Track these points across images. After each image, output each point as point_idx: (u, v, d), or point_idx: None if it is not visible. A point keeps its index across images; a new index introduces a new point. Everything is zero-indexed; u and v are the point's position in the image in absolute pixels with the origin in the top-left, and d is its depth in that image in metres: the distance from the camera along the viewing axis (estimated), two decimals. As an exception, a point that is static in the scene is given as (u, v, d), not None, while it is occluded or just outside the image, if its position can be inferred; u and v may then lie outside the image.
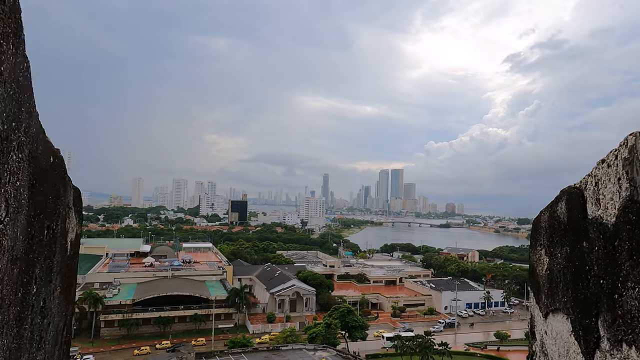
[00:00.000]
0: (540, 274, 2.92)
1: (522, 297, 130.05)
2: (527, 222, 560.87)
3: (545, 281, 2.79)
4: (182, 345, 77.23)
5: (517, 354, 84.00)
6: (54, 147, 2.75)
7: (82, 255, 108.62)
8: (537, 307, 3.04)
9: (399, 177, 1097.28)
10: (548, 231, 2.73)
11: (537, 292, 3.01)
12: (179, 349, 71.74)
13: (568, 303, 2.35)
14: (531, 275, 3.16)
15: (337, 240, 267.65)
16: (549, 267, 2.71)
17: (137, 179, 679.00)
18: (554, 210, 2.62)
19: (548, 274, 2.71)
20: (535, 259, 3.01)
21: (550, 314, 2.71)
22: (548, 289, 2.72)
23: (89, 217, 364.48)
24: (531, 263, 3.16)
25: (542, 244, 2.85)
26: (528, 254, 3.29)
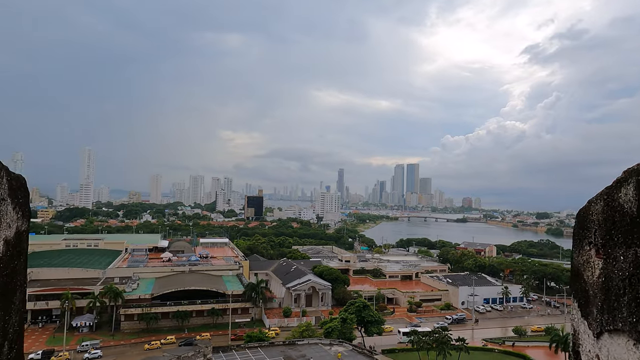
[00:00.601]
0: (589, 280, 2.37)
1: (542, 292, 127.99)
2: (546, 217, 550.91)
3: (598, 291, 2.25)
4: (193, 340, 78.68)
5: (534, 350, 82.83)
6: None
7: (102, 250, 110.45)
8: (584, 322, 2.45)
9: (414, 172, 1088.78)
10: (603, 226, 2.20)
11: (584, 303, 2.42)
12: (195, 342, 73.01)
13: (638, 324, 1.82)
14: (575, 281, 2.61)
15: (352, 235, 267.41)
16: (604, 272, 2.20)
17: (155, 176, 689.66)
18: (614, 199, 2.10)
19: (603, 281, 2.19)
20: (582, 262, 2.45)
21: (605, 335, 2.18)
22: (603, 302, 2.18)
23: (109, 213, 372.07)
24: (575, 266, 2.60)
25: (593, 243, 2.32)
26: (571, 254, 2.74)
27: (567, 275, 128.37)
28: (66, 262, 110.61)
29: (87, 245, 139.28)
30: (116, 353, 76.48)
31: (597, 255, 2.27)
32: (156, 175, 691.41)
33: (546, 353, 78.51)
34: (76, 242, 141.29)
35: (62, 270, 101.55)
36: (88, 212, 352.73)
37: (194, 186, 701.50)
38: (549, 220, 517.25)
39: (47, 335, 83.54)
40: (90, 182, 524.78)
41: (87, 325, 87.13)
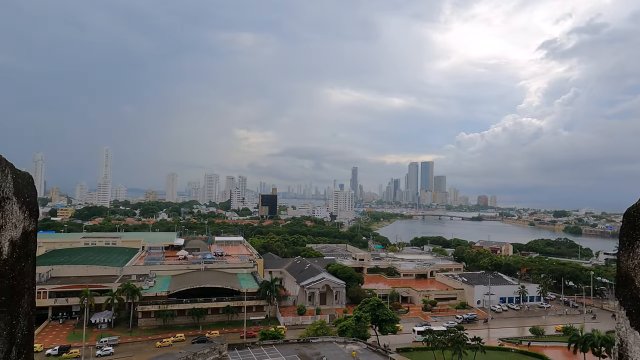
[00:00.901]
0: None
1: (559, 292, 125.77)
2: (564, 215, 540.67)
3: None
4: (206, 337, 79.65)
5: (552, 350, 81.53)
6: None
7: (119, 248, 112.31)
8: (634, 333, 2.24)
9: (429, 170, 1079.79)
10: None
11: (635, 312, 2.22)
12: (208, 340, 73.97)
13: None
14: (623, 287, 2.39)
15: (366, 234, 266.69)
16: None
17: (171, 175, 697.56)
18: None
19: None
20: (633, 266, 2.26)
21: None
22: None
23: (126, 212, 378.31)
24: (623, 270, 2.40)
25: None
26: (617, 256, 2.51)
27: (585, 275, 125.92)
28: (85, 259, 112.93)
29: (105, 243, 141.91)
30: (133, 349, 77.78)
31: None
32: (172, 174, 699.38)
33: (564, 353, 77.22)
34: (95, 240, 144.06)
35: (82, 268, 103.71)
36: (106, 211, 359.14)
37: (209, 185, 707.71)
38: (567, 218, 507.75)
39: (67, 332, 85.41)
40: (108, 182, 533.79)
41: (106, 322, 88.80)
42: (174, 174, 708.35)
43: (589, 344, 65.75)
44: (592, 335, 66.84)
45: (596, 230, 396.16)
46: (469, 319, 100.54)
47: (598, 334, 67.39)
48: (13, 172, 2.60)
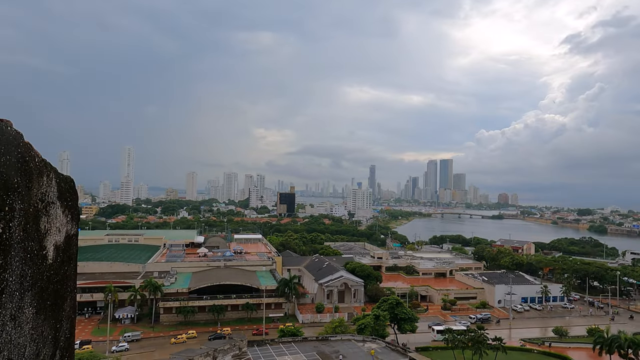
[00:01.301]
0: None
1: (584, 292, 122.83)
2: (589, 213, 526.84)
3: None
4: (222, 334, 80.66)
5: (576, 351, 79.74)
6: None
7: (142, 245, 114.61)
8: None
9: (448, 168, 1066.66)
10: None
11: None
12: (225, 336, 75.19)
13: None
14: None
15: (384, 232, 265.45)
16: None
17: (191, 173, 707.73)
18: None
19: None
20: None
21: None
22: None
23: (148, 210, 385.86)
24: None
25: None
26: None
27: (611, 275, 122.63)
28: (109, 256, 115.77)
29: (128, 240, 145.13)
30: (155, 344, 79.43)
31: None
32: (192, 173, 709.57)
33: (589, 355, 75.44)
34: (118, 238, 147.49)
35: (106, 264, 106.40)
36: (128, 209, 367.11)
37: (228, 183, 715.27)
38: (591, 217, 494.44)
39: (92, 326, 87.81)
40: (130, 180, 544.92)
41: (129, 317, 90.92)
42: (194, 172, 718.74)
43: (615, 345, 64.07)
44: (618, 337, 65.09)
45: (622, 229, 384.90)
46: (483, 319, 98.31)
47: (625, 336, 65.62)
48: (57, 177, 2.60)
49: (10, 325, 2.10)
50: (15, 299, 2.13)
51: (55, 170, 2.62)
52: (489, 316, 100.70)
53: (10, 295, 2.10)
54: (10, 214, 2.09)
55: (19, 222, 2.17)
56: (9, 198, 2.09)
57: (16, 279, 2.14)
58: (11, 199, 2.10)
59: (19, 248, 2.17)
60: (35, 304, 2.33)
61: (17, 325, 2.17)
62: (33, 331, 2.32)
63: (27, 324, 2.27)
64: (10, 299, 2.10)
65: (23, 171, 2.20)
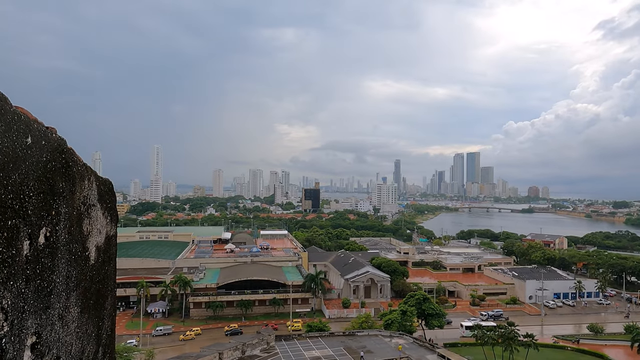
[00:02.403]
0: None
1: (620, 287, 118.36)
2: (625, 206, 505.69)
3: None
4: (239, 330, 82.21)
5: (613, 349, 76.98)
6: (40, 126, 2.14)
7: (171, 242, 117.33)
8: None
9: (475, 161, 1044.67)
10: None
11: None
12: (240, 332, 77.79)
13: None
14: None
15: (410, 227, 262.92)
16: None
17: (217, 171, 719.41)
18: None
19: None
20: None
21: None
22: None
23: (177, 207, 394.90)
24: None
25: None
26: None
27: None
28: (140, 252, 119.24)
29: (158, 237, 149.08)
30: (185, 338, 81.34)
31: None
32: (218, 170, 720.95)
33: (627, 353, 72.71)
34: (148, 234, 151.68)
35: (137, 260, 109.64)
36: (158, 206, 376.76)
37: (253, 180, 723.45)
38: (628, 209, 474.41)
39: (126, 320, 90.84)
40: (159, 178, 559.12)
41: (161, 312, 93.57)
42: (220, 169, 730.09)
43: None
44: (658, 335, 62.52)
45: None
46: (495, 315, 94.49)
47: (665, 333, 62.93)
48: (97, 180, 2.71)
49: (59, 325, 2.20)
50: (62, 299, 2.24)
51: (95, 173, 2.71)
52: (501, 313, 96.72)
53: (58, 295, 2.20)
54: (56, 217, 2.18)
55: (64, 225, 2.26)
56: (55, 202, 2.17)
57: (62, 280, 2.25)
58: (57, 203, 2.19)
59: (64, 250, 2.27)
60: (80, 304, 2.45)
61: (65, 325, 2.27)
62: (78, 329, 2.44)
63: (73, 323, 2.37)
64: (58, 300, 2.20)
65: (67, 176, 2.29)
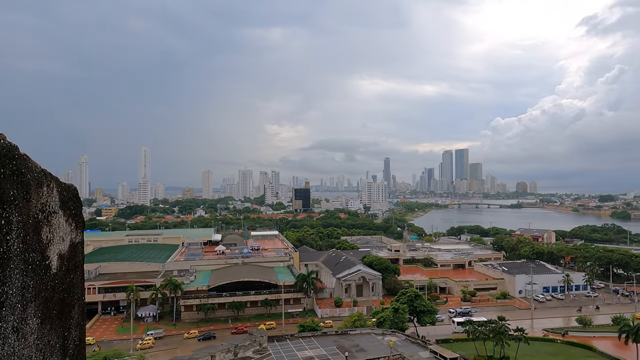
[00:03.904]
0: None
1: (607, 280, 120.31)
2: (611, 199, 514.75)
3: None
4: (212, 334, 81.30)
5: (601, 340, 78.18)
6: None
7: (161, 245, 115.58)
8: None
9: (463, 157, 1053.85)
10: None
11: None
12: (214, 336, 78.07)
13: None
14: None
15: (401, 225, 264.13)
16: None
17: (206, 172, 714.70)
18: None
19: None
20: None
21: None
22: None
23: (166, 210, 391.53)
24: None
25: None
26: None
27: (636, 262, 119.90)
28: (129, 256, 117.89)
29: (147, 240, 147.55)
30: (177, 342, 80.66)
31: None
32: (207, 172, 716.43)
33: (615, 344, 73.88)
34: (137, 238, 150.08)
35: (126, 264, 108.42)
36: (147, 209, 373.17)
37: (243, 181, 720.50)
38: (613, 203, 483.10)
39: (116, 325, 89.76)
40: (147, 181, 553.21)
41: (151, 315, 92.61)
42: (209, 171, 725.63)
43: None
44: (644, 325, 63.59)
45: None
46: (463, 312, 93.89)
47: (651, 324, 64.04)
48: (58, 186, 2.62)
49: (13, 337, 2.11)
50: (17, 311, 2.14)
51: (57, 179, 2.63)
52: (469, 310, 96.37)
53: (12, 307, 2.11)
54: (7, 227, 2.10)
55: (17, 234, 2.18)
56: (5, 211, 2.10)
57: (17, 291, 2.15)
58: (7, 211, 2.11)
59: (18, 260, 2.18)
60: (40, 314, 2.35)
61: (21, 337, 2.18)
62: (39, 341, 2.34)
63: (32, 335, 2.28)
64: (12, 312, 2.10)
65: (19, 183, 2.22)
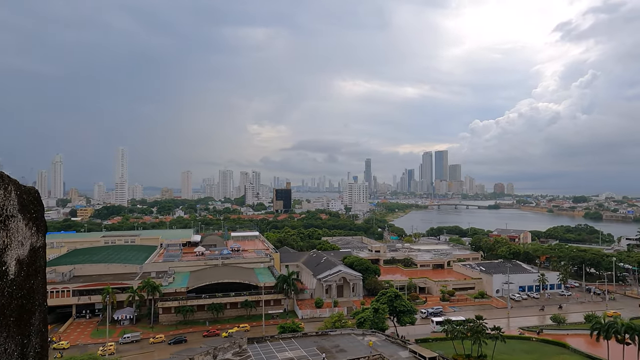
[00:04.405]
0: None
1: (581, 279, 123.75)
2: (584, 200, 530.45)
3: None
4: (182, 337, 79.94)
5: (574, 338, 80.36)
6: None
7: (138, 246, 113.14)
8: None
9: (443, 159, 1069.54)
10: None
11: None
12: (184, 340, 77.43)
13: None
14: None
15: (381, 225, 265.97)
16: None
17: (186, 172, 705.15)
18: None
19: None
20: None
21: None
22: None
23: (144, 210, 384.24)
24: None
25: None
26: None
27: (607, 261, 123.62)
28: (106, 258, 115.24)
29: (124, 241, 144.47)
30: (155, 345, 79.13)
31: None
32: (187, 172, 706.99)
33: (587, 341, 76.02)
34: (114, 239, 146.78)
35: (103, 266, 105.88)
36: (124, 210, 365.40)
37: (224, 181, 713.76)
38: (586, 204, 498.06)
39: (91, 328, 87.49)
40: (124, 181, 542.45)
41: (128, 318, 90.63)
42: (189, 171, 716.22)
43: (612, 331, 64.57)
44: (615, 322, 65.61)
45: (617, 215, 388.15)
46: (435, 312, 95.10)
47: (622, 321, 66.13)
48: (17, 189, 2.56)
49: None
50: None
51: (16, 182, 2.59)
52: (440, 309, 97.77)
53: None
54: None
55: None
56: None
57: None
58: None
59: None
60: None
61: None
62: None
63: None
64: None
65: None
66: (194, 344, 73.14)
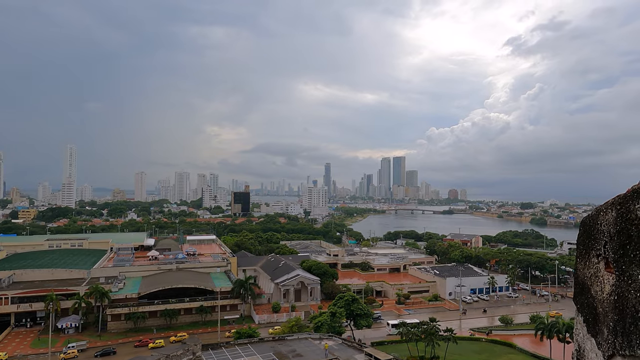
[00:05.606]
0: (598, 296, 2.07)
1: (527, 281, 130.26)
2: (530, 207, 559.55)
3: (609, 309, 1.94)
4: (110, 349, 75.00)
5: (520, 338, 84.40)
6: None
7: (86, 250, 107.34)
8: (590, 340, 2.19)
9: (401, 165, 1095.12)
10: (615, 239, 1.91)
11: (591, 320, 2.16)
12: (113, 351, 73.71)
13: None
14: (580, 294, 2.33)
15: (340, 229, 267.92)
16: (617, 290, 1.92)
17: (140, 173, 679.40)
18: (629, 210, 1.85)
19: (615, 300, 1.90)
20: (589, 275, 2.22)
21: (619, 358, 1.96)
22: (616, 323, 1.89)
23: (93, 212, 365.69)
24: (580, 278, 2.34)
25: (602, 255, 2.06)
26: (575, 264, 2.45)
27: (551, 264, 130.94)
28: (50, 263, 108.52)
29: (70, 245, 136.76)
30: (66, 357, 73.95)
31: (607, 269, 2.01)
32: (140, 173, 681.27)
33: (532, 341, 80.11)
34: (59, 243, 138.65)
35: (46, 272, 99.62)
36: (71, 212, 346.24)
37: (180, 183, 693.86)
38: (532, 210, 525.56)
39: (32, 338, 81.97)
40: (72, 181, 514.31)
41: (73, 327, 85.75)
42: (143, 172, 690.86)
43: (554, 330, 68.38)
44: (557, 322, 69.56)
45: (560, 221, 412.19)
46: (376, 317, 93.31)
47: (563, 321, 70.20)
48: None
49: None
50: None
51: None
52: (379, 315, 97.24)
53: None
54: None
55: None
56: None
57: None
58: None
59: None
60: None
61: None
62: None
63: None
64: None
65: None
66: (119, 358, 69.77)
